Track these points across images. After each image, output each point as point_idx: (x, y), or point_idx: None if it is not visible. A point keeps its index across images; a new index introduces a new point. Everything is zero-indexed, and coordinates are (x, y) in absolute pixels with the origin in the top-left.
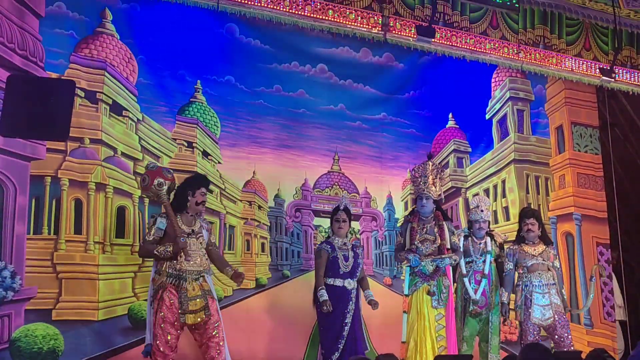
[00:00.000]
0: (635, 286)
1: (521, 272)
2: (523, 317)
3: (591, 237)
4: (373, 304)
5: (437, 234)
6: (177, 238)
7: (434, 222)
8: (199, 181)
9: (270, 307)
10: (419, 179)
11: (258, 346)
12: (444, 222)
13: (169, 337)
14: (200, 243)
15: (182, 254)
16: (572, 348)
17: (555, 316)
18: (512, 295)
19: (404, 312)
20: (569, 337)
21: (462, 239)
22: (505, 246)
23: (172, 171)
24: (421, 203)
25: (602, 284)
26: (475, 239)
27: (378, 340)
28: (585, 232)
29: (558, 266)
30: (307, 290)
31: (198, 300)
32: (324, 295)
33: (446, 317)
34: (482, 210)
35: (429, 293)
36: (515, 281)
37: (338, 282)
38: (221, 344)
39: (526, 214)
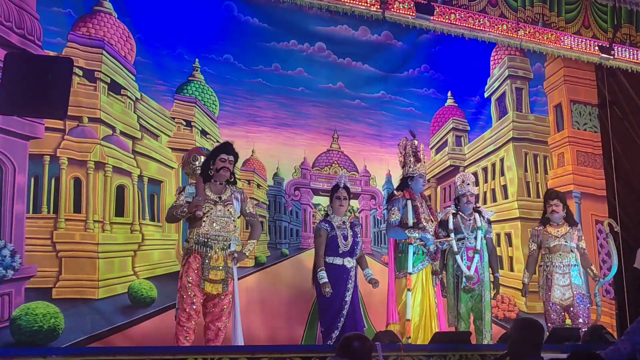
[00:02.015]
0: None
1: (543, 252)
2: (545, 297)
3: (590, 215)
4: (374, 282)
5: (430, 215)
6: (194, 198)
7: (424, 202)
8: (218, 149)
9: (269, 285)
10: (419, 158)
11: (257, 324)
12: (430, 203)
13: (194, 300)
14: (229, 211)
15: (203, 217)
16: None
17: (575, 297)
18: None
19: (409, 290)
20: (584, 317)
21: (451, 216)
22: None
23: (209, 150)
24: (421, 182)
25: (601, 262)
26: (464, 215)
27: (377, 318)
28: (584, 210)
29: (583, 247)
30: (306, 268)
31: (219, 271)
32: (324, 277)
33: (437, 296)
34: (468, 184)
35: (434, 273)
36: (539, 262)
37: (338, 261)
38: (222, 328)
39: (550, 195)
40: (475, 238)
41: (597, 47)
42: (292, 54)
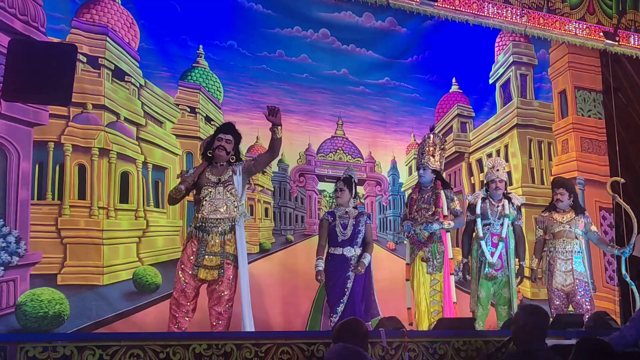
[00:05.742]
0: None
1: (548, 238)
2: (547, 283)
3: (594, 202)
4: (357, 266)
5: (432, 202)
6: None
7: (432, 192)
8: (218, 129)
9: (273, 271)
10: (419, 150)
11: (261, 310)
12: (440, 190)
13: (185, 286)
14: (230, 192)
15: (202, 201)
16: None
17: (576, 283)
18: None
19: (407, 280)
20: (587, 304)
21: (479, 201)
22: (522, 210)
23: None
24: (419, 173)
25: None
26: (492, 201)
27: (382, 304)
28: (588, 197)
29: (594, 230)
30: (311, 254)
31: (215, 257)
32: (318, 265)
33: (442, 282)
34: (497, 170)
35: (423, 259)
36: (543, 248)
37: (338, 251)
38: (222, 313)
39: (556, 184)
40: (502, 225)
41: (601, 33)
42: (296, 41)
